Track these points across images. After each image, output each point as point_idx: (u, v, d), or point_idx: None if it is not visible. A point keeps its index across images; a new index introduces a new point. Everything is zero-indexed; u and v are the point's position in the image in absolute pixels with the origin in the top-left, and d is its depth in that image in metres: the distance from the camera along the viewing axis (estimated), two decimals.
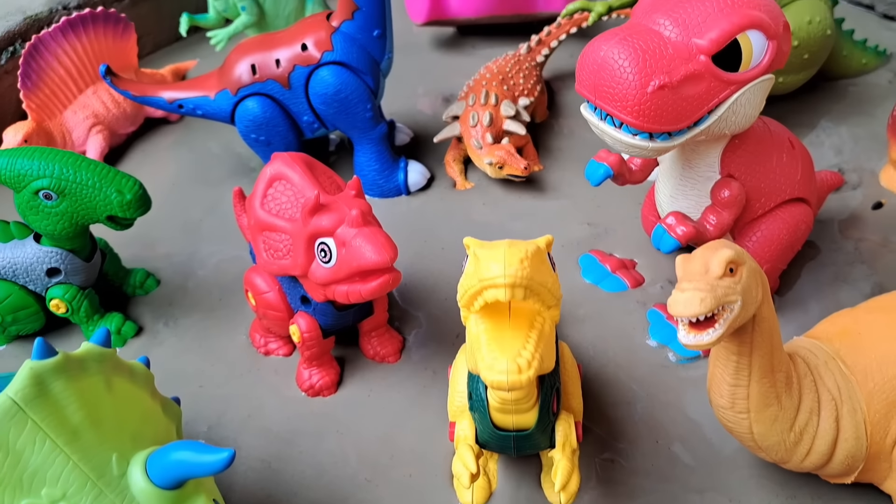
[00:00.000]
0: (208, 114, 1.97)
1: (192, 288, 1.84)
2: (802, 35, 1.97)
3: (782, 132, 1.57)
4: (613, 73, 1.28)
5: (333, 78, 1.87)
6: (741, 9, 1.28)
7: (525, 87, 2.14)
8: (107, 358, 1.11)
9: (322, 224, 1.34)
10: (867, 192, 1.98)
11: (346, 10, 1.86)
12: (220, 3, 2.38)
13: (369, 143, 2.00)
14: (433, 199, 2.06)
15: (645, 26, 1.32)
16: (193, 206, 2.08)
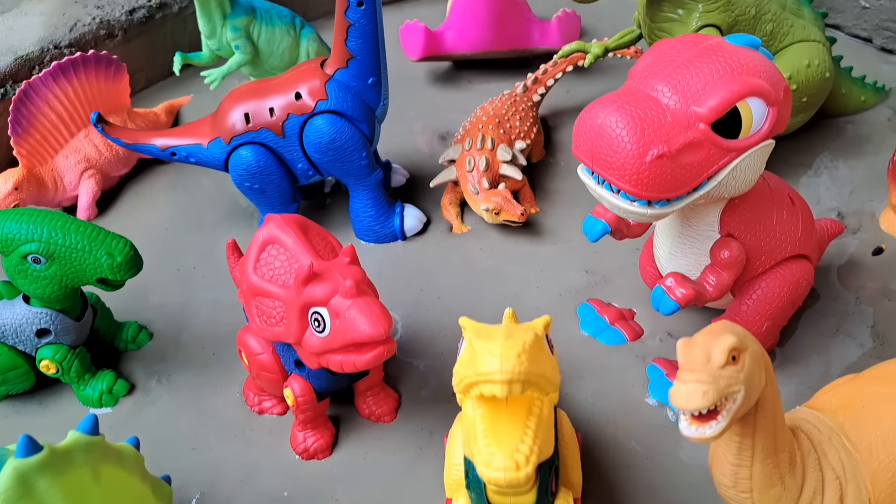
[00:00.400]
0: (201, 162, 1.95)
1: (185, 341, 1.82)
2: (801, 79, 1.96)
3: (782, 188, 1.55)
4: (611, 141, 1.26)
5: (328, 127, 1.85)
6: (741, 76, 1.26)
7: (521, 130, 2.12)
8: (94, 447, 1.09)
9: (316, 294, 1.32)
10: (867, 237, 1.96)
11: (341, 58, 1.84)
12: (213, 41, 2.35)
13: (365, 189, 1.97)
14: (429, 245, 2.04)
15: (643, 92, 1.30)
16: (187, 251, 2.05)
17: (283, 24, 2.44)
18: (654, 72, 1.32)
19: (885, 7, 2.47)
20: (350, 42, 1.81)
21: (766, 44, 1.96)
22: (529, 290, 1.88)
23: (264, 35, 2.40)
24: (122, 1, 2.55)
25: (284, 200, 1.97)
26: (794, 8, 2.01)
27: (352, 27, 1.79)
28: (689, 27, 1.88)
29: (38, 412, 1.69)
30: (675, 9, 1.88)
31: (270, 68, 2.47)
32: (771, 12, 1.94)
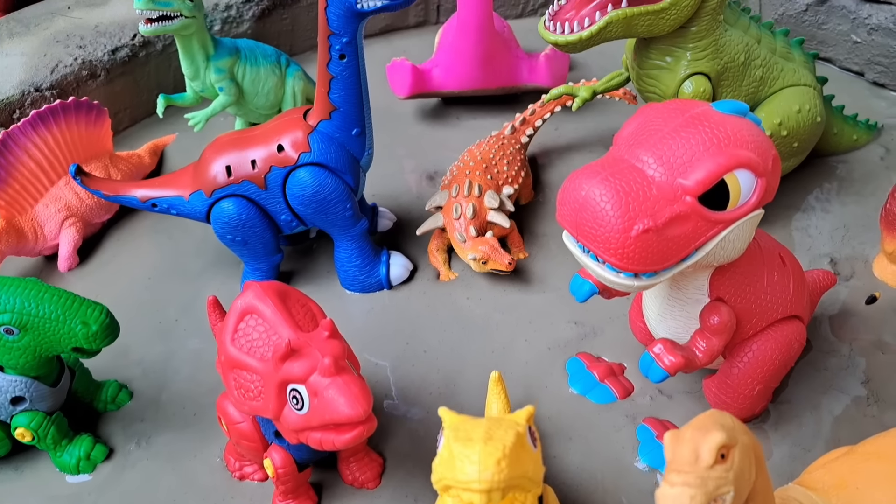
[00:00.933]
0: (183, 214, 1.91)
1: (166, 401, 1.78)
2: (792, 124, 1.93)
3: (773, 248, 1.52)
4: (595, 214, 1.23)
5: (311, 179, 1.81)
6: (728, 148, 1.23)
7: (509, 175, 2.09)
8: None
9: (294, 371, 1.28)
10: (860, 284, 1.93)
11: (324, 109, 1.80)
12: (197, 83, 2.32)
13: (350, 240, 1.94)
14: (416, 293, 2.00)
15: (628, 162, 1.26)
16: (170, 301, 2.02)
17: (267, 64, 2.41)
18: (640, 140, 1.28)
19: (877, 42, 2.44)
20: (333, 94, 1.78)
21: (755, 89, 1.93)
22: (517, 343, 1.85)
23: (249, 75, 2.36)
24: (105, 40, 2.52)
25: (268, 252, 1.93)
26: (783, 51, 1.98)
27: (334, 80, 1.76)
28: (677, 75, 1.85)
29: (13, 478, 1.65)
30: (664, 56, 1.85)
31: (256, 108, 2.44)
32: (760, 58, 1.91)
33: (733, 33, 1.86)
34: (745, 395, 1.54)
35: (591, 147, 2.43)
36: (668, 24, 1.74)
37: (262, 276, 1.98)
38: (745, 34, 1.90)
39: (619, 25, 1.71)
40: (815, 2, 2.54)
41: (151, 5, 2.08)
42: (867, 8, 2.43)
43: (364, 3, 1.62)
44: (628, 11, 1.69)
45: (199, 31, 2.23)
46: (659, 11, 1.70)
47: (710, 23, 1.78)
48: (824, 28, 2.57)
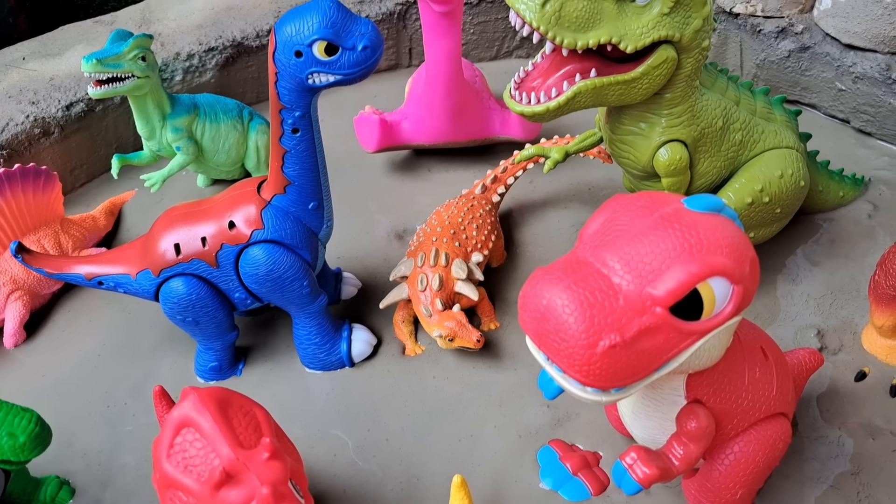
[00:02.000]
0: (130, 292, 1.80)
1: (110, 500, 1.66)
2: (773, 190, 1.83)
3: (755, 340, 1.42)
4: (558, 327, 1.12)
5: (265, 257, 1.71)
6: (701, 255, 1.12)
7: (478, 241, 1.98)
8: None
9: (229, 500, 1.17)
10: (849, 359, 1.83)
11: (278, 184, 1.70)
12: (153, 143, 2.21)
13: (308, 317, 1.83)
14: (379, 371, 1.89)
15: (593, 267, 1.16)
16: (118, 383, 1.90)
17: (228, 120, 2.31)
18: (606, 241, 1.18)
19: (862, 91, 2.35)
20: (287, 168, 1.67)
21: (735, 154, 1.83)
22: (486, 430, 1.74)
23: (208, 132, 2.26)
24: (59, 95, 2.41)
25: (221, 331, 1.82)
26: (764, 112, 1.88)
27: (288, 154, 1.65)
28: (651, 142, 1.75)
29: None
30: (637, 122, 1.75)
31: (217, 165, 2.34)
32: (740, 120, 1.82)
33: (710, 97, 1.76)
34: (726, 499, 1.43)
35: (566, 202, 2.33)
36: (640, 94, 1.64)
37: (216, 355, 1.87)
38: (724, 96, 1.80)
39: (589, 95, 1.61)
40: (797, 48, 2.45)
41: (100, 68, 1.98)
42: (851, 56, 2.33)
43: (315, 79, 1.52)
44: (597, 81, 1.59)
45: (154, 91, 2.13)
46: (630, 81, 1.60)
47: (686, 89, 1.69)
48: (808, 74, 2.48)
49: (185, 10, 2.77)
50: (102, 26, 2.75)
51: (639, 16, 1.53)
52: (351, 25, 1.49)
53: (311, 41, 1.47)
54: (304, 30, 1.48)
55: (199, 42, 2.62)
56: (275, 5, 2.78)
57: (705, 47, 1.64)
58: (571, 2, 1.48)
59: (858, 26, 2.28)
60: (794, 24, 2.44)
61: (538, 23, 1.48)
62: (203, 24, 2.70)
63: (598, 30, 1.52)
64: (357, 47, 1.49)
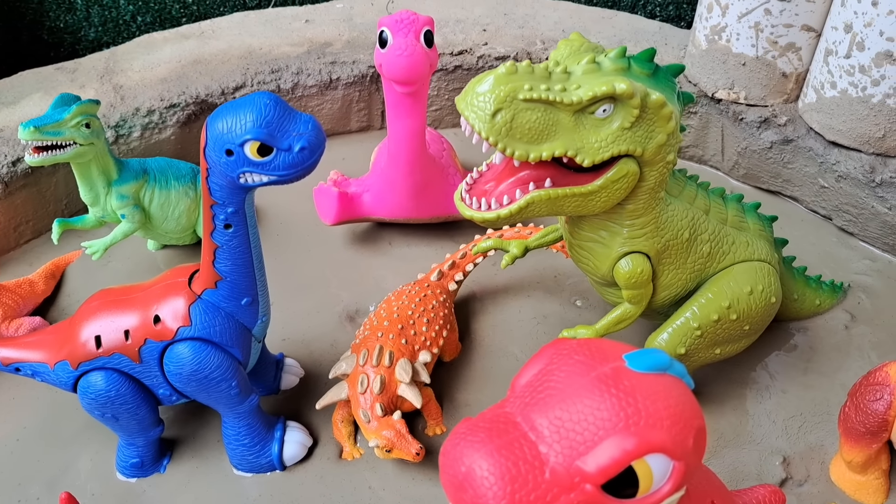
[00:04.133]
0: (48, 382, 1.68)
1: None
2: (742, 307, 1.71)
3: (704, 494, 1.30)
4: (475, 499, 1.00)
5: (191, 355, 1.59)
6: (638, 429, 1.00)
7: (427, 337, 1.86)
8: None
9: None
10: (816, 491, 1.71)
11: (209, 279, 1.58)
12: (97, 209, 2.10)
13: (237, 417, 1.71)
14: (312, 478, 1.76)
15: (520, 430, 1.04)
16: (33, 476, 1.77)
17: (181, 185, 2.20)
18: (538, 400, 1.06)
19: (845, 191, 2.25)
20: (218, 264, 1.56)
21: (702, 266, 1.73)
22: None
23: (157, 199, 2.15)
24: (6, 149, 2.29)
25: (143, 427, 1.70)
26: (736, 221, 1.78)
27: (219, 249, 1.54)
28: (612, 251, 1.64)
29: None
30: (598, 230, 1.64)
31: (165, 232, 2.23)
32: (708, 231, 1.71)
33: (677, 206, 1.66)
34: None
35: (530, 290, 2.21)
36: (599, 206, 1.53)
37: (137, 451, 1.74)
38: (692, 205, 1.70)
39: (543, 205, 1.50)
40: (780, 140, 2.35)
41: (38, 136, 1.87)
42: (835, 153, 2.24)
43: (247, 178, 1.41)
44: (552, 193, 1.48)
45: (99, 157, 2.02)
46: (587, 194, 1.49)
47: (649, 200, 1.58)
48: (790, 167, 2.38)
49: (151, 62, 2.67)
50: (64, 73, 2.65)
51: (598, 129, 1.43)
52: (288, 125, 1.39)
53: (243, 141, 1.37)
54: (237, 128, 1.37)
55: (160, 97, 2.51)
56: (243, 62, 2.69)
57: (670, 161, 1.53)
58: (524, 113, 1.37)
59: (843, 124, 2.19)
60: (777, 114, 2.35)
61: (487, 133, 1.37)
62: (168, 77, 2.60)
63: (553, 142, 1.41)
64: (294, 148, 1.38)
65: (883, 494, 1.68)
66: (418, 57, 1.91)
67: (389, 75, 1.95)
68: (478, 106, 1.38)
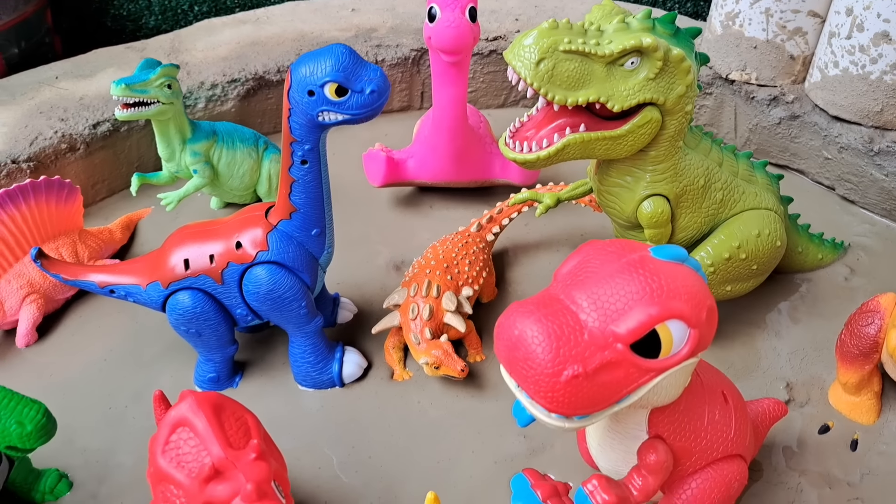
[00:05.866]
0: (139, 302, 1.92)
1: (105, 496, 1.75)
2: (750, 248, 1.94)
3: (716, 384, 1.52)
4: (527, 355, 1.22)
5: (268, 277, 1.82)
6: (662, 299, 1.23)
7: (469, 276, 2.10)
8: None
9: (216, 494, 1.27)
10: (815, 412, 1.92)
11: (284, 210, 1.82)
12: (172, 165, 2.35)
13: (304, 336, 1.94)
14: (368, 393, 1.99)
15: (563, 304, 1.27)
16: (121, 389, 2.01)
17: (244, 147, 2.44)
18: (577, 281, 1.29)
19: (847, 161, 2.47)
20: (294, 196, 1.80)
21: (715, 211, 1.95)
22: (464, 455, 1.83)
23: (225, 158, 2.40)
24: (88, 114, 2.56)
25: (222, 344, 1.93)
26: (746, 174, 2.00)
27: (295, 183, 1.78)
28: (636, 195, 1.87)
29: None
30: (624, 176, 1.88)
31: (230, 189, 2.47)
32: (721, 181, 1.94)
33: (693, 157, 1.89)
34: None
35: (558, 246, 2.44)
36: (626, 150, 1.76)
37: (215, 367, 1.97)
38: (707, 158, 1.92)
39: (577, 148, 1.74)
40: (787, 116, 2.58)
41: (128, 92, 2.12)
42: (838, 127, 2.46)
43: (324, 116, 1.65)
44: (585, 136, 1.72)
45: (177, 116, 2.27)
46: (615, 138, 1.73)
47: (669, 148, 1.81)
48: (797, 141, 2.61)
49: (212, 43, 2.94)
50: (133, 52, 2.92)
51: (626, 79, 1.66)
52: (360, 71, 1.63)
53: (324, 82, 1.61)
54: (318, 72, 1.61)
55: (223, 73, 2.78)
56: (296, 44, 2.94)
57: (688, 111, 1.76)
58: (564, 63, 1.61)
59: (845, 100, 2.41)
60: (785, 93, 2.58)
61: (532, 79, 1.61)
62: (228, 56, 2.86)
63: (588, 89, 1.65)
64: (365, 91, 1.63)
65: (875, 413, 1.89)
66: (464, 29, 2.16)
67: (438, 45, 2.20)
68: (524, 56, 1.62)
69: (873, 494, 1.74)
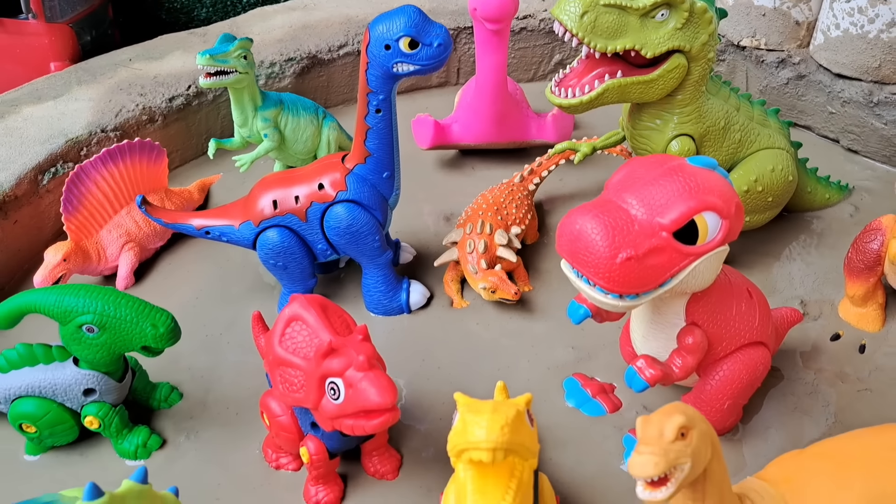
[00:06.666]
0: (232, 241, 2.19)
1: (211, 402, 2.03)
2: (766, 181, 2.20)
3: (742, 283, 1.78)
4: (587, 244, 1.49)
5: (346, 214, 2.09)
6: (698, 194, 1.49)
7: (517, 217, 2.37)
8: (144, 494, 1.29)
9: (332, 366, 1.53)
10: (826, 324, 2.18)
11: (360, 155, 2.09)
12: (245, 130, 2.62)
13: (376, 268, 2.21)
14: (432, 318, 2.26)
15: (615, 203, 1.53)
16: (214, 320, 2.28)
17: (307, 115, 2.72)
18: (626, 186, 1.56)
19: (849, 114, 2.74)
20: (368, 142, 2.07)
21: (734, 150, 2.22)
22: (520, 364, 2.10)
23: (290, 125, 2.67)
24: (163, 90, 2.84)
25: (304, 276, 2.20)
26: (761, 119, 2.27)
27: (370, 130, 2.05)
28: (665, 135, 2.14)
29: (79, 462, 1.90)
30: (654, 119, 2.15)
31: (294, 153, 2.75)
32: (739, 123, 2.20)
33: (715, 102, 2.16)
34: (717, 408, 1.77)
35: (590, 196, 2.70)
36: (657, 93, 2.03)
37: None
38: (726, 103, 2.19)
39: (615, 92, 2.01)
40: (794, 76, 2.85)
41: (212, 62, 2.40)
42: (840, 83, 2.73)
43: (399, 67, 1.93)
44: (622, 81, 1.99)
45: (250, 86, 2.55)
46: (649, 81, 2.00)
47: (694, 92, 2.08)
48: (803, 99, 2.87)
49: (267, 27, 3.23)
50: (196, 37, 3.20)
51: (657, 29, 1.94)
52: (428, 27, 1.91)
53: (398, 37, 1.88)
54: (393, 28, 1.89)
55: (280, 53, 3.06)
56: (344, 26, 3.23)
57: (710, 58, 2.04)
58: (604, 15, 1.89)
59: (846, 58, 2.68)
60: (792, 56, 2.85)
61: (577, 30, 1.89)
62: (283, 38, 3.15)
63: (625, 38, 1.92)
64: (433, 44, 1.90)
65: (880, 322, 2.15)
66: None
67: (482, 15, 2.48)
68: (569, 10, 1.89)
69: (881, 386, 2.00)
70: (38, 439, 1.88)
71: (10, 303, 1.77)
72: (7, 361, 1.84)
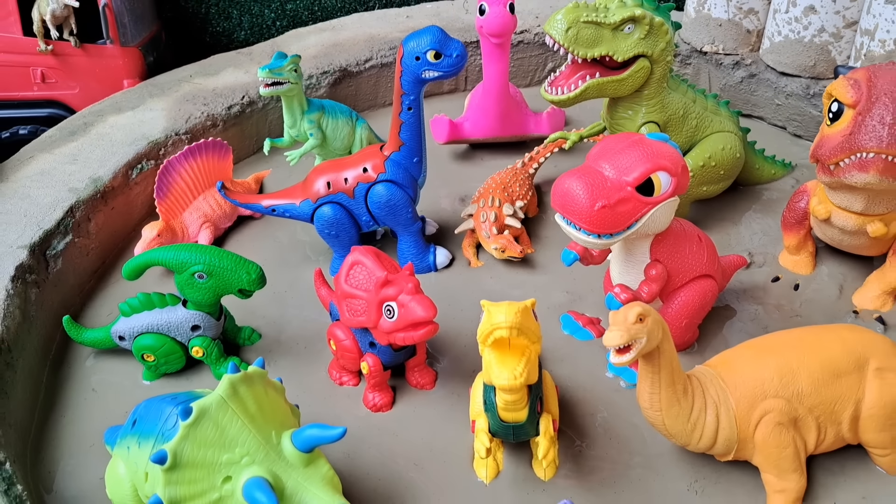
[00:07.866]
0: (294, 216, 2.75)
1: (284, 340, 2.58)
2: (718, 158, 2.76)
3: (693, 231, 2.33)
4: (573, 198, 2.04)
5: (386, 192, 2.65)
6: (654, 159, 2.04)
7: (520, 193, 2.93)
8: (263, 376, 1.83)
9: (388, 293, 2.08)
10: (769, 270, 2.73)
11: (395, 144, 2.65)
12: (294, 130, 3.18)
13: (409, 235, 2.76)
14: (454, 275, 2.81)
15: (593, 168, 2.09)
16: (279, 280, 2.82)
17: (343, 117, 3.28)
18: (601, 156, 2.11)
19: (792, 105, 3.31)
20: (402, 134, 2.63)
21: (692, 134, 2.78)
22: None
23: (330, 125, 3.23)
24: (222, 100, 3.41)
25: (352, 243, 2.75)
26: (713, 109, 2.84)
27: (403, 124, 2.61)
28: (636, 123, 2.70)
29: (186, 385, 2.44)
30: (627, 110, 2.71)
31: (334, 150, 3.30)
32: (695, 112, 2.77)
33: (675, 96, 2.72)
34: (676, 326, 2.31)
35: None
36: (628, 89, 2.60)
37: None
38: (684, 96, 2.76)
39: (594, 90, 2.58)
40: (747, 75, 3.41)
41: (270, 75, 2.97)
42: (784, 80, 3.29)
43: (427, 74, 2.49)
44: (600, 80, 2.56)
45: (299, 94, 3.11)
46: (621, 80, 2.57)
47: (657, 88, 2.65)
48: (755, 94, 3.44)
49: (302, 46, 3.80)
50: (243, 56, 3.78)
51: (626, 39, 2.51)
52: (449, 42, 2.47)
53: (426, 50, 2.45)
54: (422, 43, 2.45)
55: (316, 67, 3.63)
56: (368, 44, 3.80)
57: (669, 61, 2.60)
58: (584, 29, 2.45)
59: (788, 59, 3.24)
60: (745, 58, 3.42)
61: (563, 41, 2.46)
62: (317, 55, 3.72)
63: (601, 47, 2.49)
64: (454, 55, 2.47)
65: (811, 267, 2.70)
66: (507, 18, 3.01)
67: (487, 32, 3.05)
68: (557, 26, 2.46)
69: (809, 313, 2.55)
70: (155, 367, 2.42)
71: (138, 259, 2.32)
72: (131, 307, 2.39)
